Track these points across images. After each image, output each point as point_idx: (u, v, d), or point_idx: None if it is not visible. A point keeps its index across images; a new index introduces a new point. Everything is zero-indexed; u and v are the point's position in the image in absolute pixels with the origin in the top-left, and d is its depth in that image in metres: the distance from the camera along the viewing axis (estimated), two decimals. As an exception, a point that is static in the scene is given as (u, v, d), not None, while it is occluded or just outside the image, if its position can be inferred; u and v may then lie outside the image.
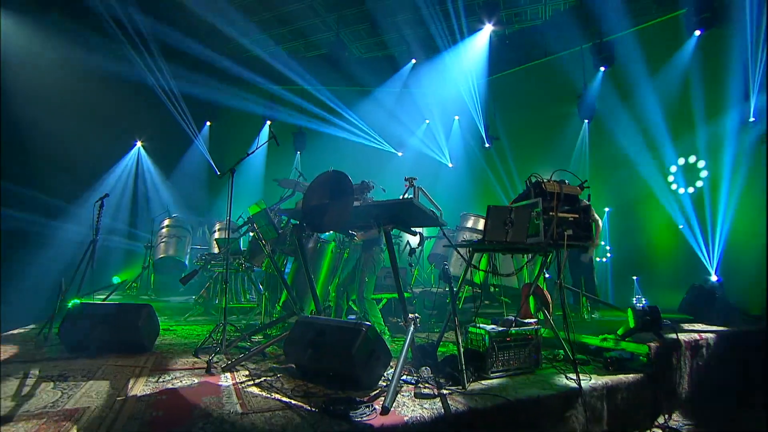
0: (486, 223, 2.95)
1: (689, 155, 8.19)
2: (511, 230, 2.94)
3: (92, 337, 3.48)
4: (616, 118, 9.24)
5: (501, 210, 2.97)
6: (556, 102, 10.35)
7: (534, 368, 3.26)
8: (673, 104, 8.30)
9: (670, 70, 8.22)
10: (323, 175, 3.14)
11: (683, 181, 8.19)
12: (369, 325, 2.84)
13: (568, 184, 3.31)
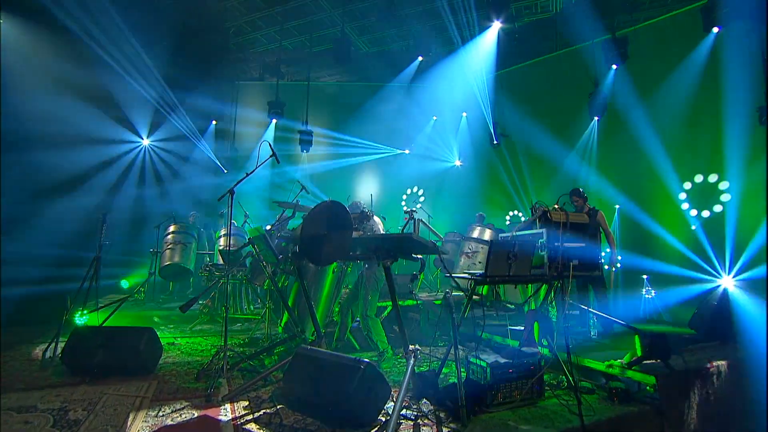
0: (488, 257, 2.87)
1: (705, 160, 8.01)
2: (515, 264, 2.86)
3: (95, 362, 3.50)
4: (629, 116, 9.03)
5: (503, 244, 2.88)
6: (566, 98, 10.14)
7: (537, 399, 3.21)
8: (688, 104, 8.07)
9: (686, 69, 7.97)
10: (321, 205, 3.08)
11: (698, 190, 8.01)
12: (367, 362, 2.80)
13: (575, 212, 3.19)
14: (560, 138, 10.10)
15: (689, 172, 8.14)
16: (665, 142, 8.47)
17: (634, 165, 9.03)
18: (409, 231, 3.07)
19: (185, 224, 7.33)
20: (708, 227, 7.81)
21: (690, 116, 8.16)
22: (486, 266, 2.89)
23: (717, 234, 7.70)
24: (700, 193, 7.97)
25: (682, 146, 8.22)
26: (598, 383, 3.58)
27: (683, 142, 8.17)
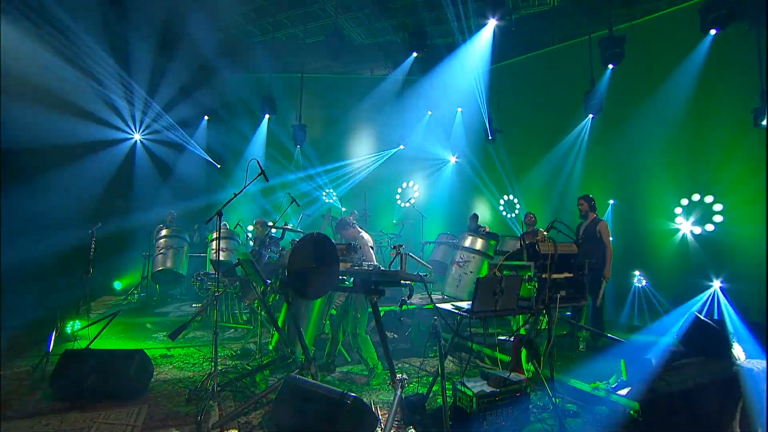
0: (474, 294, 2.86)
1: (698, 163, 8.04)
2: (501, 299, 2.86)
3: (85, 387, 3.52)
4: (624, 116, 9.02)
5: (490, 281, 2.88)
6: (562, 94, 10.06)
7: (523, 426, 3.26)
8: (684, 106, 8.04)
9: (683, 71, 7.92)
10: (308, 237, 3.06)
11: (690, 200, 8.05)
12: (354, 396, 2.82)
13: (567, 243, 3.19)
14: (556, 133, 10.09)
15: (685, 182, 8.17)
16: (659, 144, 8.49)
17: (628, 163, 9.07)
18: (397, 265, 3.05)
19: (177, 227, 7.29)
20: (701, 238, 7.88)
21: (685, 118, 8.14)
22: (473, 302, 2.90)
23: (710, 240, 7.79)
24: (695, 206, 7.99)
25: (677, 149, 8.23)
26: (584, 404, 3.64)
27: (678, 145, 8.17)
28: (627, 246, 8.59)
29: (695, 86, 7.99)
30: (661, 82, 8.26)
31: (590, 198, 5.38)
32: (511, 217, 11.26)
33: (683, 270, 8.02)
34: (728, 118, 7.82)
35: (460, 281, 5.72)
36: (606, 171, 9.62)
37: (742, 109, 7.44)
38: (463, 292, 5.68)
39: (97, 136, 8.92)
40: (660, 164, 8.59)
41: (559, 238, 3.27)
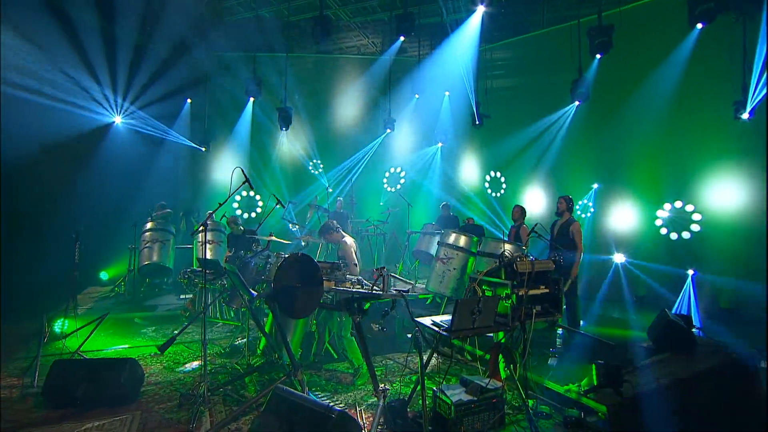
0: (453, 315, 3.01)
1: (681, 152, 8.22)
2: (479, 318, 3.02)
3: (77, 395, 3.64)
4: (609, 104, 9.12)
5: (469, 302, 3.02)
6: (550, 79, 10.07)
7: (498, 427, 3.48)
8: (670, 96, 8.15)
9: (669, 65, 8.00)
10: (293, 257, 3.15)
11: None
12: (339, 411, 2.99)
13: (544, 260, 3.33)
14: (543, 119, 10.17)
15: (667, 171, 8.36)
16: (643, 132, 8.66)
17: (612, 148, 9.25)
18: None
19: (163, 219, 7.29)
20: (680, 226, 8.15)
21: (669, 108, 8.27)
22: (452, 322, 3.05)
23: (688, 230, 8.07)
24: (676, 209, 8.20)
25: (659, 139, 8.39)
26: (557, 406, 3.88)
27: (660, 136, 8.33)
28: (608, 229, 8.94)
29: (680, 78, 8.09)
30: (648, 73, 8.35)
31: (569, 199, 5.58)
32: (497, 196, 11.44)
33: (661, 258, 8.33)
34: (710, 110, 7.97)
35: (444, 277, 5.89)
36: (590, 155, 9.78)
37: (725, 101, 7.57)
38: (447, 289, 5.87)
39: (75, 122, 8.74)
40: (643, 152, 8.78)
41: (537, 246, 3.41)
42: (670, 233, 8.21)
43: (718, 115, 7.80)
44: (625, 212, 8.93)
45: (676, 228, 8.15)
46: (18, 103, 7.52)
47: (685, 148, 8.20)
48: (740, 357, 4.66)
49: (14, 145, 7.29)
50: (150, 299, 7.07)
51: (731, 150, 7.73)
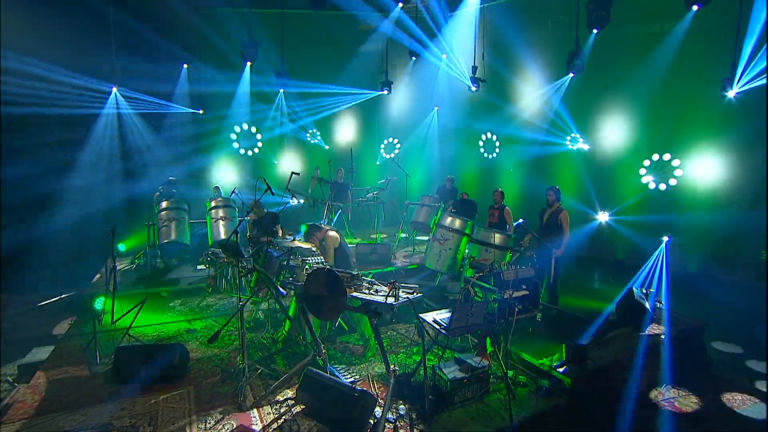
0: (452, 316, 3.85)
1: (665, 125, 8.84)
2: (471, 319, 3.87)
3: (140, 374, 4.54)
4: (603, 77, 9.56)
5: (464, 307, 3.86)
6: (547, 45, 10.37)
7: (484, 396, 4.48)
8: (663, 74, 8.62)
9: (665, 45, 8.40)
10: (321, 271, 3.91)
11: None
12: (360, 390, 3.91)
13: (526, 268, 4.14)
14: (538, 85, 10.59)
15: (652, 144, 8.98)
16: (635, 108, 9.23)
17: (602, 112, 9.84)
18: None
19: (176, 199, 7.94)
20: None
21: (662, 82, 8.78)
22: (450, 321, 3.90)
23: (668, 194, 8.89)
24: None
25: (649, 113, 8.97)
26: (532, 376, 4.87)
27: (650, 112, 8.90)
28: (595, 188, 9.76)
29: (674, 55, 8.51)
30: (644, 51, 8.73)
31: (557, 189, 6.31)
32: (492, 157, 12.10)
33: (641, 224, 9.21)
34: (699, 86, 8.47)
35: (440, 256, 6.75)
36: (583, 120, 10.31)
37: (714, 78, 8.05)
38: (443, 266, 6.76)
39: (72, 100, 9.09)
40: (632, 119, 9.39)
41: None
42: (651, 198, 9.01)
43: (706, 91, 8.34)
44: (610, 173, 9.68)
45: (660, 179, 8.91)
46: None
47: (670, 122, 8.82)
48: (688, 327, 5.71)
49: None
50: (169, 272, 7.88)
51: (716, 126, 8.30)
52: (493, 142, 11.77)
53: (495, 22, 10.88)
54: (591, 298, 7.17)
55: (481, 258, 6.02)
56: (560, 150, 10.51)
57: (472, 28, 10.50)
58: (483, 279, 4.24)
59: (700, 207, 8.57)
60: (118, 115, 10.10)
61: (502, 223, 7.32)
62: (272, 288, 4.61)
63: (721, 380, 5.40)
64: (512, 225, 7.38)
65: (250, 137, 11.99)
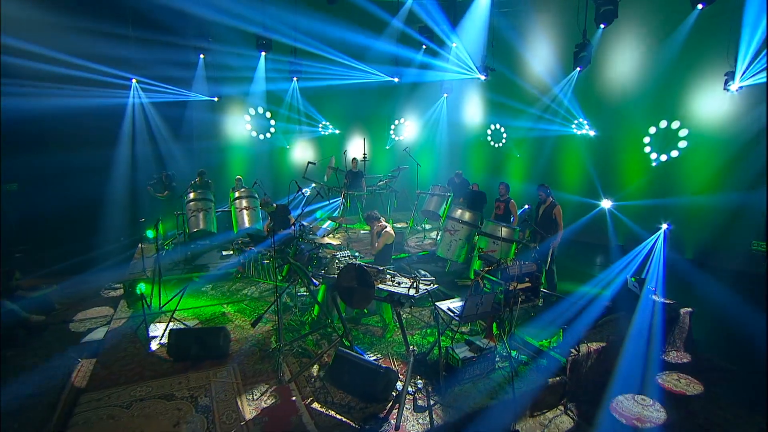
0: (464, 305, 4.57)
1: (671, 120, 9.37)
2: (481, 308, 4.59)
3: (191, 354, 5.33)
4: (608, 69, 10.03)
5: (476, 297, 4.57)
6: (557, 36, 10.78)
7: (491, 373, 5.24)
8: (665, 70, 9.10)
9: (669, 43, 8.84)
10: (351, 266, 4.62)
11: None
12: (386, 367, 4.67)
13: (528, 263, 4.84)
14: (545, 75, 11.06)
15: (654, 112, 9.55)
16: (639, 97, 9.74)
17: (607, 104, 10.37)
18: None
19: (203, 190, 8.64)
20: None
21: (665, 77, 9.28)
22: (462, 309, 4.62)
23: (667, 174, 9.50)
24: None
25: (653, 107, 9.50)
26: (533, 356, 5.63)
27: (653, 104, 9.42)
28: (599, 174, 10.39)
29: (679, 50, 8.98)
30: (646, 47, 9.20)
31: (546, 187, 6.98)
32: (498, 146, 12.68)
33: (643, 209, 9.85)
34: (703, 80, 8.97)
35: (451, 245, 7.46)
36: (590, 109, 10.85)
37: (717, 72, 8.55)
38: (453, 254, 7.49)
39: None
40: (635, 109, 9.93)
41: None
42: (660, 155, 9.61)
43: (709, 85, 8.85)
44: (614, 157, 10.29)
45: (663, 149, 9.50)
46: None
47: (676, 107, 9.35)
48: (677, 313, 6.42)
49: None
50: (197, 259, 8.65)
51: (720, 115, 8.82)
52: (500, 132, 12.31)
53: (501, 14, 11.25)
54: (588, 283, 7.87)
55: (489, 249, 6.72)
56: (566, 134, 11.06)
57: (482, 17, 10.86)
58: (491, 272, 4.95)
59: (701, 186, 9.14)
60: (138, 105, 10.68)
61: (507, 214, 7.98)
62: (305, 279, 5.34)
63: (704, 362, 6.16)
64: (517, 216, 8.04)
65: (264, 121, 12.56)
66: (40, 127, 9.53)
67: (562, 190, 10.72)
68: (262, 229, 8.48)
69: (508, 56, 11.45)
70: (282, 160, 13.06)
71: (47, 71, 9.11)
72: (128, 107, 10.48)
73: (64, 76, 9.34)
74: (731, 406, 5.29)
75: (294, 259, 5.42)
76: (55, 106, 9.33)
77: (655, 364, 5.86)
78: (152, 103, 10.89)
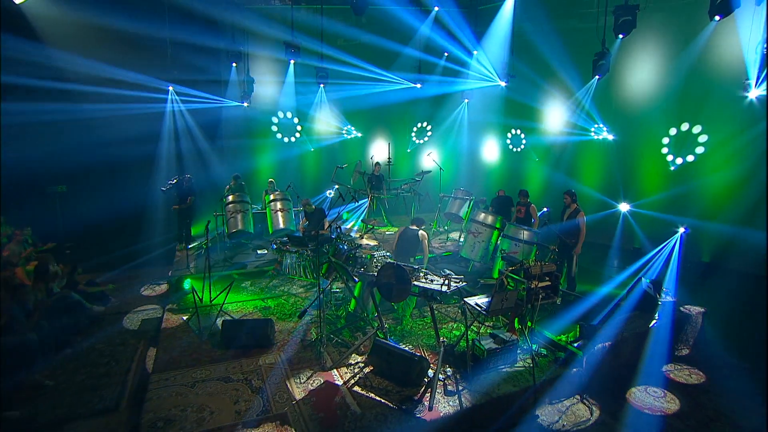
0: (491, 300, 5.19)
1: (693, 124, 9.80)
2: (506, 303, 5.21)
3: (242, 342, 6.04)
4: (627, 77, 10.51)
5: (501, 293, 5.18)
6: (576, 43, 11.28)
7: (513, 364, 5.84)
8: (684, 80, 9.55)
9: (687, 53, 9.29)
10: (390, 265, 5.28)
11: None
12: (419, 355, 5.31)
13: (548, 263, 5.43)
14: (566, 84, 11.57)
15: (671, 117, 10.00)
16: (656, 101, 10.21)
17: (624, 108, 10.84)
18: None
19: (240, 193, 9.40)
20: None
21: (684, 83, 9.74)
22: (489, 304, 5.24)
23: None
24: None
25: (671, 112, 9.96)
26: (552, 349, 6.21)
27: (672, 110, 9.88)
28: (618, 178, 10.85)
29: (697, 59, 9.43)
30: (667, 55, 9.65)
31: (573, 193, 7.54)
32: (517, 151, 13.22)
33: (660, 212, 10.28)
34: (723, 86, 9.38)
35: (474, 247, 8.07)
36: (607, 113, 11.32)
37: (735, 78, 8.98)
38: (476, 255, 8.09)
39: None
40: (654, 114, 10.38)
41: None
42: (676, 158, 10.07)
43: (727, 91, 9.27)
44: (633, 163, 10.75)
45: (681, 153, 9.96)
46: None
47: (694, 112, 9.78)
48: (690, 313, 6.93)
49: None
50: (234, 257, 9.40)
51: (740, 123, 9.22)
52: (519, 137, 12.86)
53: (523, 22, 11.79)
54: (605, 284, 8.40)
55: (511, 251, 7.31)
56: (586, 140, 11.55)
57: (504, 26, 11.42)
58: (514, 272, 5.54)
59: (719, 190, 9.54)
60: (175, 111, 11.52)
61: (528, 217, 8.56)
62: (346, 276, 6.01)
63: (714, 359, 6.67)
64: (537, 219, 8.61)
65: (291, 125, 13.31)
66: (86, 132, 10.35)
67: (580, 193, 11.22)
68: (296, 229, 9.21)
69: (529, 63, 11.97)
70: (307, 163, 13.78)
71: (92, 75, 9.95)
72: (167, 113, 11.29)
73: (105, 80, 10.17)
74: (738, 399, 5.82)
75: (334, 258, 6.09)
76: (100, 111, 10.18)
77: (667, 360, 6.40)
78: (188, 109, 11.68)
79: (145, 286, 8.53)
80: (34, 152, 9.79)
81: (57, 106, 9.70)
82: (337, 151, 13.84)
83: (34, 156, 9.81)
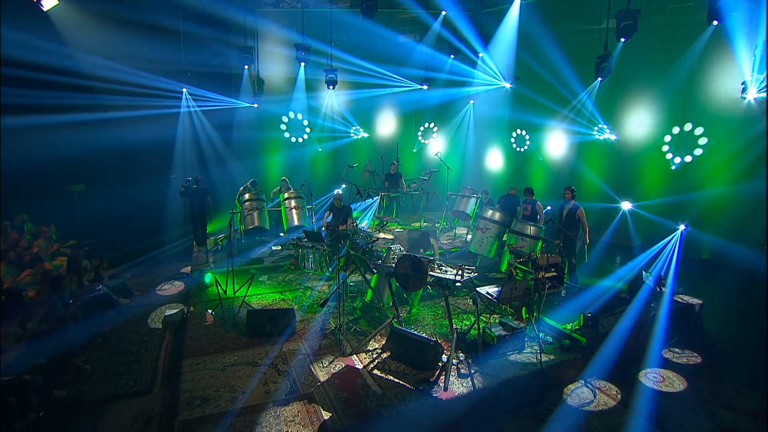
0: (501, 289, 5.67)
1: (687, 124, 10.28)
2: (515, 291, 5.69)
3: (266, 330, 6.52)
4: (627, 79, 11.00)
5: (511, 283, 5.66)
6: (579, 45, 11.75)
7: (521, 350, 6.32)
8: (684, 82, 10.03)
9: (686, 58, 9.75)
10: (407, 256, 5.76)
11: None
12: (434, 341, 5.79)
13: (555, 255, 5.91)
14: (568, 82, 12.04)
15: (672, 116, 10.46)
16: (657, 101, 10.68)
17: (623, 106, 11.31)
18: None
19: (255, 191, 9.89)
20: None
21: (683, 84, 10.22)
22: (499, 293, 5.72)
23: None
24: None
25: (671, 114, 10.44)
26: (557, 337, 6.68)
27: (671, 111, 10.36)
28: (620, 177, 11.31)
29: (697, 61, 9.90)
30: (668, 57, 10.13)
31: (573, 189, 8.01)
32: (521, 150, 13.71)
33: (661, 211, 10.75)
34: (721, 87, 9.85)
35: (483, 242, 8.55)
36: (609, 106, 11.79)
37: (734, 80, 9.44)
38: (484, 250, 8.57)
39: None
40: (655, 114, 10.86)
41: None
42: (674, 158, 10.53)
43: (726, 93, 9.74)
44: (633, 160, 11.22)
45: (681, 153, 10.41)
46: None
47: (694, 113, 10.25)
48: (686, 304, 7.41)
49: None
50: (250, 251, 9.89)
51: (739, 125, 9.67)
52: (524, 137, 13.35)
53: (528, 24, 12.27)
54: (608, 278, 8.88)
55: (518, 245, 7.79)
56: (589, 139, 12.03)
57: (509, 28, 11.90)
58: (522, 263, 6.02)
59: (718, 189, 9.97)
60: (188, 113, 12.01)
61: (534, 214, 9.04)
62: (364, 267, 6.49)
63: (712, 348, 7.16)
64: (543, 215, 9.09)
65: (300, 125, 13.81)
66: (103, 133, 10.84)
67: (584, 191, 11.70)
68: (309, 224, 9.72)
69: (533, 65, 12.45)
70: (315, 163, 14.28)
71: (112, 78, 10.45)
72: (181, 114, 11.78)
73: (124, 82, 10.66)
74: (733, 384, 6.29)
75: (353, 251, 6.57)
76: (119, 111, 10.68)
77: (665, 347, 6.88)
78: (202, 110, 12.17)
79: (166, 282, 9.01)
80: (54, 152, 10.25)
81: (77, 103, 10.18)
82: (345, 151, 14.34)
83: (55, 156, 10.27)
